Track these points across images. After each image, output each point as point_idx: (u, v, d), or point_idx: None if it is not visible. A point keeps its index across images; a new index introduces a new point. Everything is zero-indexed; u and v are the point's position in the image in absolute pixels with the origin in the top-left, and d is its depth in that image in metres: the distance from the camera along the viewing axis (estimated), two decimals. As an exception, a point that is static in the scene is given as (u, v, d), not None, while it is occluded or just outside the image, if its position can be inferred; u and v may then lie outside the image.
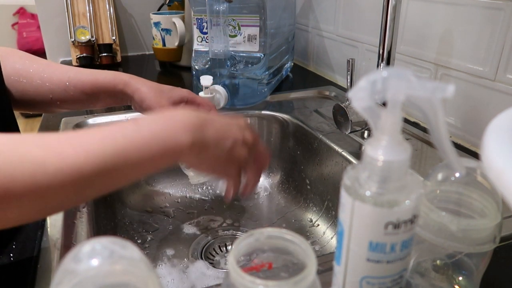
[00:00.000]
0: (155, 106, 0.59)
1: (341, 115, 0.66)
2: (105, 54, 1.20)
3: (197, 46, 0.93)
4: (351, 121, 0.64)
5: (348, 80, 0.67)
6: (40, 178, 0.32)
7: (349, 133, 0.65)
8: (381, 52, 0.65)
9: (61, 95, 0.59)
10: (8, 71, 0.58)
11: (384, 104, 0.26)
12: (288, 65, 1.10)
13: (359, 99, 0.26)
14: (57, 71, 0.60)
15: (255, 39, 0.86)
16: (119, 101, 0.63)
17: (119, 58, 1.24)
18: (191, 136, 0.40)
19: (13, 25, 3.16)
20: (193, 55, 0.94)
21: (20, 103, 0.60)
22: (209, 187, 0.86)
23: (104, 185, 0.37)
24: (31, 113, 0.94)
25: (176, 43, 1.13)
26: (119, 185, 0.38)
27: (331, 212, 0.74)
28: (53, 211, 0.37)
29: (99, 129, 0.37)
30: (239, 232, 0.75)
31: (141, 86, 0.60)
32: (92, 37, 1.19)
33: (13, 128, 0.56)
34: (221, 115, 0.48)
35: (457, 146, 0.69)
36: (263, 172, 0.54)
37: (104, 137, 0.36)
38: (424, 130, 0.74)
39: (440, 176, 0.32)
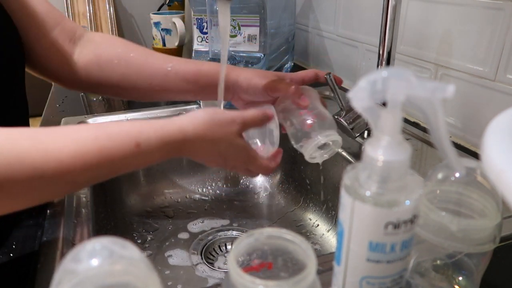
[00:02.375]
0: (260, 84, 0.56)
1: (341, 125, 0.66)
2: (105, 54, 1.19)
3: (197, 46, 0.93)
4: (352, 129, 0.64)
5: (335, 94, 0.67)
6: (37, 183, 0.34)
7: (356, 137, 0.67)
8: (381, 52, 0.65)
9: (161, 82, 0.58)
10: (110, 53, 0.58)
11: (384, 104, 0.26)
12: (288, 65, 1.10)
13: (359, 99, 0.26)
14: (159, 58, 0.59)
15: (255, 39, 0.86)
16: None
17: (119, 58, 1.24)
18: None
19: (13, 25, 3.16)
20: (193, 55, 0.94)
21: (121, 88, 0.59)
22: (209, 187, 0.86)
23: (90, 184, 0.45)
24: (124, 99, 0.92)
25: (176, 43, 1.13)
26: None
27: (331, 212, 0.74)
28: (42, 201, 0.40)
29: (99, 142, 0.38)
30: (239, 232, 0.75)
31: (244, 72, 0.58)
32: (92, 37, 1.19)
33: None
34: (223, 152, 0.47)
35: (457, 146, 0.69)
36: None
37: (103, 155, 0.38)
38: (424, 130, 0.74)
39: (440, 176, 0.32)
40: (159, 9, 1.29)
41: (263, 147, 0.57)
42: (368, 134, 0.72)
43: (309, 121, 0.55)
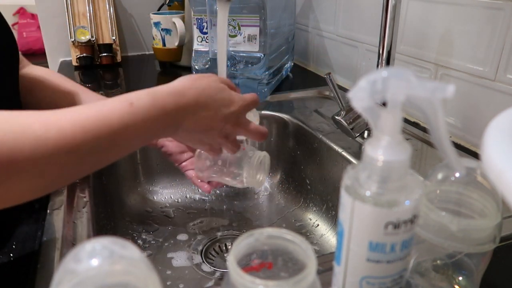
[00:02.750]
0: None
1: (341, 125, 0.66)
2: (105, 54, 1.20)
3: (197, 46, 0.93)
4: (352, 129, 0.64)
5: (334, 94, 0.67)
6: (41, 152, 0.34)
7: (356, 137, 0.67)
8: (381, 52, 0.65)
9: None
10: (46, 86, 0.62)
11: (384, 104, 0.26)
12: (288, 65, 1.10)
13: (359, 99, 0.26)
14: (92, 98, 0.64)
15: (255, 39, 0.86)
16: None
17: (119, 58, 1.24)
18: (172, 126, 0.46)
19: (13, 25, 3.16)
20: (193, 55, 0.94)
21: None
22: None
23: (95, 163, 0.41)
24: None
25: (176, 43, 1.13)
26: (107, 163, 0.42)
27: (331, 212, 0.74)
28: (49, 188, 0.40)
29: (96, 108, 0.39)
30: (239, 232, 0.75)
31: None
32: (92, 37, 1.19)
33: None
34: (215, 100, 0.49)
35: (457, 146, 0.69)
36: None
37: (101, 118, 0.38)
38: (424, 130, 0.74)
39: (440, 176, 0.32)
40: (159, 9, 1.29)
41: None
42: (368, 134, 0.72)
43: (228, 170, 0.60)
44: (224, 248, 0.71)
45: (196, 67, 0.91)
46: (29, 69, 0.64)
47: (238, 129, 0.52)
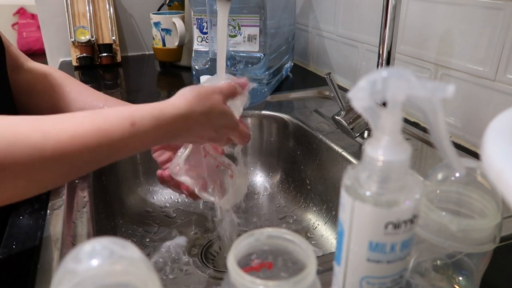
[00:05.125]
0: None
1: (341, 125, 0.66)
2: (105, 54, 1.20)
3: (197, 46, 0.93)
4: (352, 129, 0.64)
5: (334, 94, 0.67)
6: (37, 162, 0.35)
7: (356, 137, 0.67)
8: (381, 52, 0.65)
9: None
10: (44, 85, 0.61)
11: (384, 104, 0.26)
12: (288, 65, 1.10)
13: (359, 99, 0.26)
14: (93, 95, 0.63)
15: (255, 39, 0.86)
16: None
17: (119, 58, 1.24)
18: (169, 141, 0.49)
19: (13, 25, 3.16)
20: (193, 55, 0.94)
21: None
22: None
23: (89, 170, 0.42)
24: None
25: (176, 43, 1.13)
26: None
27: (331, 212, 0.74)
28: (41, 190, 0.41)
29: (97, 122, 0.39)
30: (239, 232, 0.75)
31: None
32: (92, 37, 1.19)
33: None
34: (205, 117, 0.49)
35: (457, 146, 0.69)
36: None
37: (101, 134, 0.39)
38: (424, 130, 0.74)
39: (440, 176, 0.32)
40: (159, 9, 1.29)
41: None
42: (368, 134, 0.72)
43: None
44: (224, 248, 0.71)
45: (196, 67, 0.91)
46: (31, 64, 0.63)
47: (230, 138, 0.54)
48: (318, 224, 0.75)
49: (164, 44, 1.17)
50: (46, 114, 0.60)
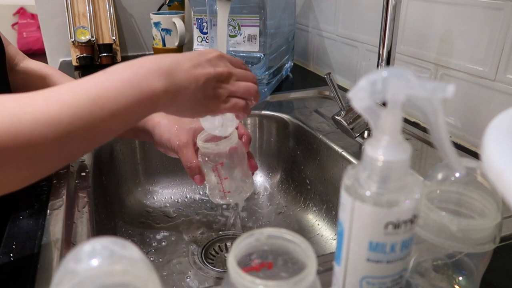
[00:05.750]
0: (174, 141, 0.56)
1: (341, 125, 0.66)
2: (105, 54, 1.20)
3: (197, 46, 0.93)
4: (352, 129, 0.64)
5: (334, 94, 0.67)
6: (19, 128, 0.33)
7: (356, 137, 0.67)
8: (381, 52, 0.65)
9: None
10: (37, 86, 0.59)
11: (384, 104, 0.26)
12: (288, 65, 1.10)
13: (359, 99, 0.26)
14: None
15: (255, 39, 0.86)
16: (142, 137, 0.61)
17: (119, 58, 1.24)
18: (162, 81, 0.41)
19: (13, 25, 3.16)
20: (193, 55, 0.94)
21: None
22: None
23: (86, 138, 0.37)
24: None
25: (176, 43, 1.13)
26: (103, 138, 0.39)
27: (331, 212, 0.74)
28: (40, 172, 0.37)
29: (71, 83, 0.38)
30: (239, 232, 0.75)
31: (162, 119, 0.58)
32: (92, 37, 1.19)
33: None
34: (190, 54, 0.46)
35: (457, 146, 0.69)
36: (254, 94, 0.51)
37: (76, 89, 0.37)
38: (424, 130, 0.74)
39: (440, 176, 0.32)
40: (159, 9, 1.29)
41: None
42: (368, 134, 0.72)
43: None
44: (224, 248, 0.71)
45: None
46: (26, 64, 0.63)
47: (232, 73, 0.48)
48: (318, 224, 0.75)
49: (164, 44, 1.17)
50: None
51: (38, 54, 2.67)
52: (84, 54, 1.18)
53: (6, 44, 0.60)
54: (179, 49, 1.16)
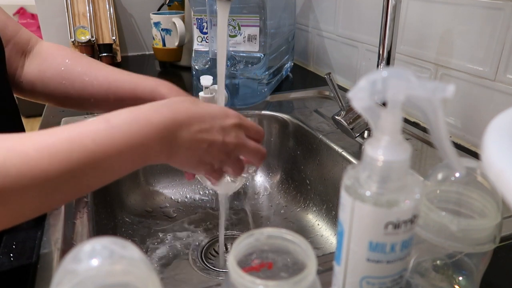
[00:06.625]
0: None
1: (341, 125, 0.66)
2: (105, 54, 1.20)
3: (197, 46, 0.93)
4: (352, 129, 0.64)
5: (334, 94, 0.67)
6: (2, 181, 0.31)
7: (356, 137, 0.67)
8: (381, 52, 0.65)
9: (102, 100, 0.59)
10: (54, 70, 0.59)
11: (384, 104, 0.26)
12: (288, 65, 1.10)
13: (359, 99, 0.26)
14: (98, 75, 0.59)
15: (255, 39, 0.86)
16: None
17: (119, 58, 1.24)
18: (164, 145, 0.40)
19: (13, 25, 3.16)
20: (193, 55, 0.94)
21: (66, 104, 0.61)
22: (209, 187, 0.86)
23: (73, 190, 0.36)
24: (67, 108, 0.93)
25: (176, 43, 1.13)
26: (89, 190, 0.38)
27: (331, 212, 0.74)
28: (19, 218, 0.35)
29: (67, 130, 0.35)
30: (239, 232, 0.75)
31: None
32: (92, 37, 1.19)
33: (19, 130, 0.57)
34: (206, 112, 0.44)
35: (457, 146, 0.69)
36: (257, 168, 0.50)
37: (71, 140, 0.34)
38: (424, 130, 0.74)
39: (440, 176, 0.32)
40: (159, 9, 1.29)
41: None
42: (368, 134, 0.72)
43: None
44: (224, 248, 0.71)
45: (196, 67, 0.91)
46: (40, 47, 0.62)
47: (239, 146, 0.47)
48: (318, 224, 0.75)
49: (164, 44, 1.17)
50: (61, 98, 0.59)
51: (38, 54, 2.66)
52: (84, 54, 1.18)
53: (17, 30, 0.59)
54: (179, 49, 1.16)
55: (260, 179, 0.88)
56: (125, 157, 0.37)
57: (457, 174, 0.31)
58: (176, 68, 1.20)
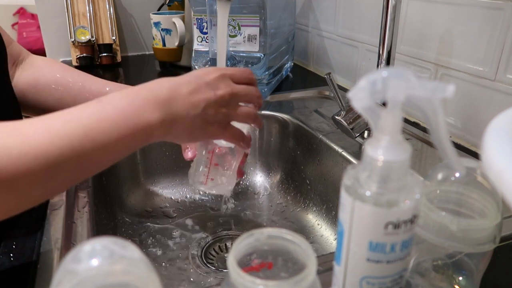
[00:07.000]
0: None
1: (341, 125, 0.66)
2: (105, 54, 1.20)
3: (197, 46, 0.93)
4: (352, 129, 0.64)
5: (334, 94, 0.67)
6: (5, 162, 0.31)
7: (356, 137, 0.67)
8: (381, 52, 0.65)
9: None
10: (49, 79, 0.60)
11: (384, 104, 0.26)
12: (288, 65, 1.10)
13: (359, 99, 0.26)
14: (96, 83, 0.60)
15: (255, 39, 0.86)
16: None
17: (119, 58, 1.24)
18: (158, 113, 0.40)
19: (13, 25, 3.16)
20: (193, 55, 0.94)
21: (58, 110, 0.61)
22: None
23: (76, 170, 0.36)
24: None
25: (176, 43, 1.13)
26: (93, 170, 0.38)
27: (331, 212, 0.74)
28: (26, 203, 0.35)
29: (63, 112, 0.37)
30: (239, 232, 0.75)
31: None
32: (92, 37, 1.19)
33: None
34: (189, 77, 0.45)
35: (457, 146, 0.69)
36: (258, 111, 0.50)
37: (68, 119, 0.36)
38: (424, 130, 0.74)
39: (440, 176, 0.32)
40: (159, 9, 1.29)
41: None
42: (368, 134, 0.72)
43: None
44: (224, 248, 0.71)
45: (196, 67, 0.91)
46: (31, 60, 0.63)
47: (233, 94, 0.47)
48: (318, 224, 0.75)
49: (164, 44, 1.17)
50: (52, 109, 0.60)
51: (38, 54, 2.67)
52: (84, 54, 1.18)
53: (9, 41, 0.60)
54: (179, 49, 1.16)
55: (260, 179, 0.88)
56: (123, 131, 0.37)
57: (457, 174, 0.31)
58: (176, 68, 1.20)
